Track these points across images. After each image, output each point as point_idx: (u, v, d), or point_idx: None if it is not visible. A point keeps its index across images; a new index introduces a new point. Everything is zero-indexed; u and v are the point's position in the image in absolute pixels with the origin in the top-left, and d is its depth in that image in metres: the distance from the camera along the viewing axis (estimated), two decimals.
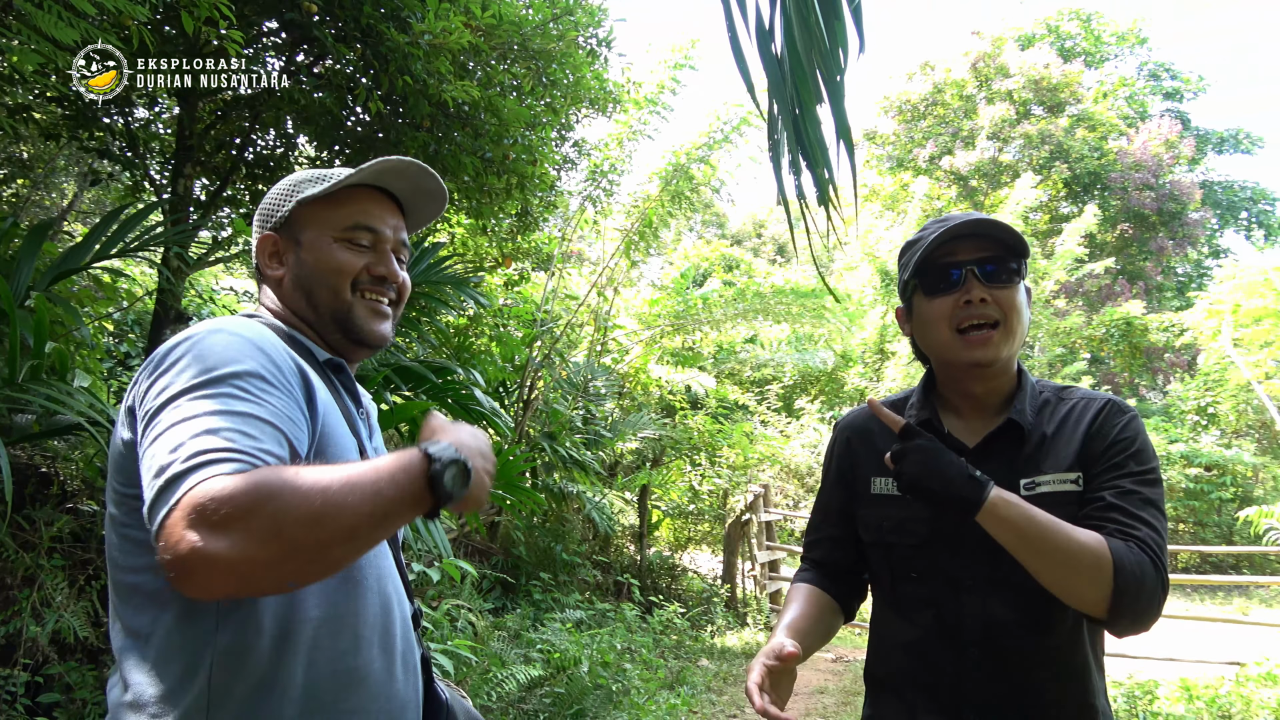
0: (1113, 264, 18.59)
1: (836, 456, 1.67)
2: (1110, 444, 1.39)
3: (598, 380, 8.83)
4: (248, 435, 0.95)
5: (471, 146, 4.73)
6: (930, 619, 1.46)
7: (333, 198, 1.32)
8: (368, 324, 1.31)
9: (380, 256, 1.32)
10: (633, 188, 8.92)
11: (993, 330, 1.42)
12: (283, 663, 1.06)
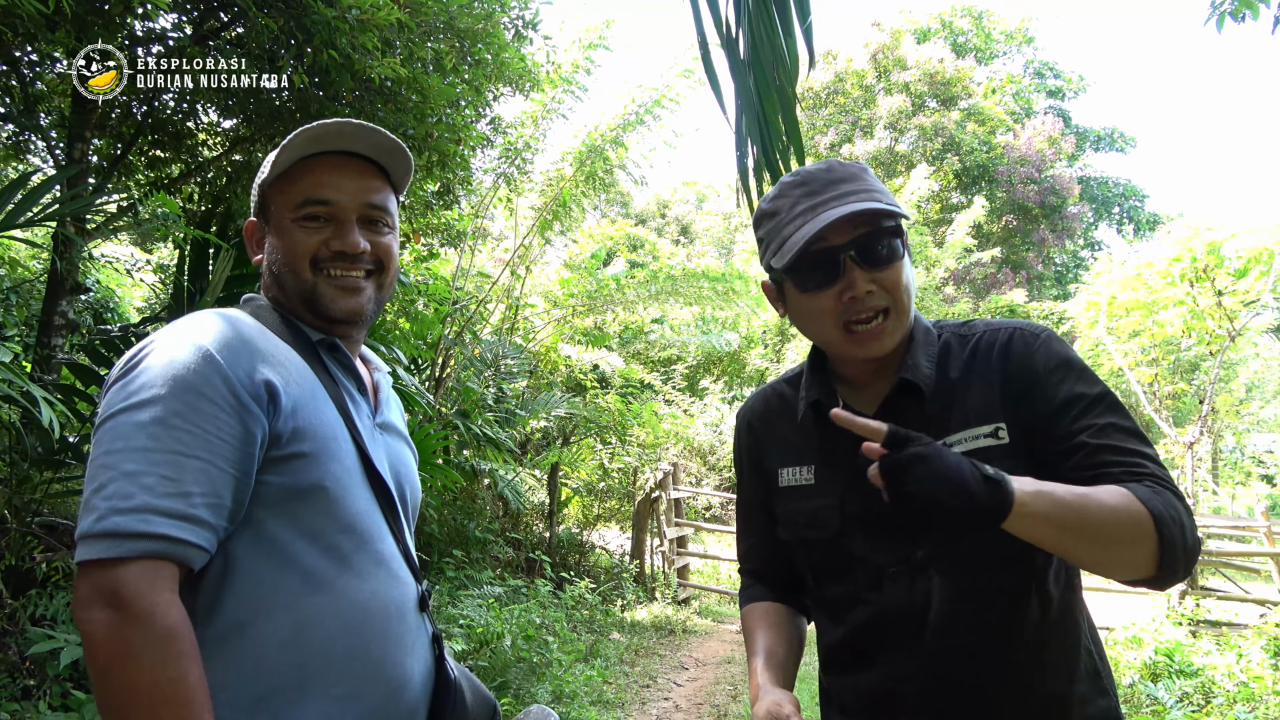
0: (998, 254, 19.55)
1: (745, 448, 1.51)
2: (1043, 377, 1.21)
3: (509, 358, 8.84)
4: (167, 481, 0.99)
5: (394, 123, 4.69)
6: (861, 619, 1.30)
7: (288, 176, 1.27)
8: (335, 303, 1.26)
9: (339, 230, 1.26)
10: (546, 166, 8.92)
11: (884, 320, 1.24)
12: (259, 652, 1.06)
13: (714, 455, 16.34)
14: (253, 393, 1.07)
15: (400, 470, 1.32)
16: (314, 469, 1.11)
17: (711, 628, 8.25)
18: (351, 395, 1.27)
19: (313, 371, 1.20)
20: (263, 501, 1.09)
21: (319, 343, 1.27)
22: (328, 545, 1.12)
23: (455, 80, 5.07)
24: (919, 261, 17.36)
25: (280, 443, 1.09)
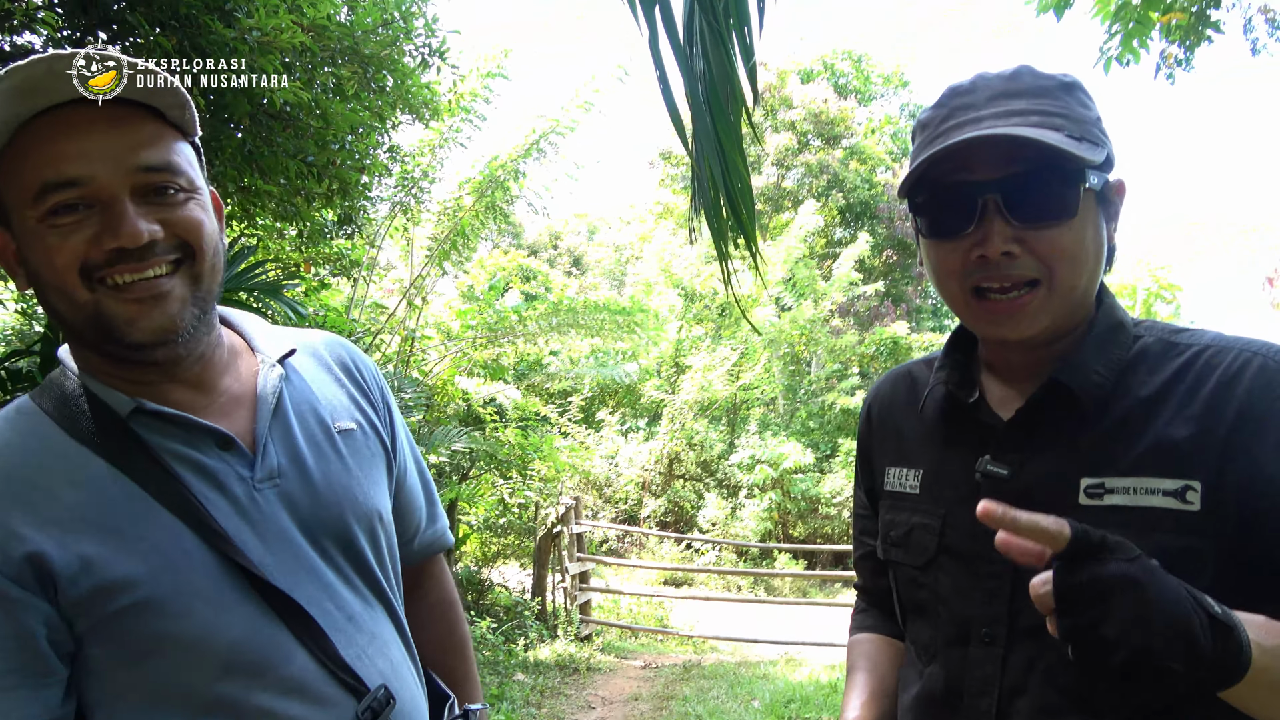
0: (881, 287, 20.33)
1: (861, 439, 1.24)
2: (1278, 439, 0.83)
3: (404, 392, 8.58)
4: None
5: (293, 149, 4.51)
6: (935, 676, 1.02)
7: (8, 158, 0.89)
8: (133, 324, 0.90)
9: (105, 218, 0.88)
10: (443, 195, 8.77)
11: (1030, 292, 0.92)
12: None
13: (609, 487, 16.30)
14: (12, 575, 0.83)
15: (326, 513, 1.00)
16: (151, 618, 0.86)
17: (615, 664, 8.14)
18: (201, 467, 0.94)
19: (125, 471, 0.90)
20: (104, 677, 0.88)
21: (130, 417, 0.93)
22: (206, 704, 0.88)
23: (357, 107, 4.93)
24: (808, 294, 17.88)
25: (84, 610, 0.85)
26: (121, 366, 0.95)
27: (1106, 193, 0.94)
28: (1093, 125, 0.92)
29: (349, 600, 0.99)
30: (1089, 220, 0.91)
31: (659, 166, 25.96)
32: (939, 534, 1.01)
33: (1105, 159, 0.92)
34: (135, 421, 0.93)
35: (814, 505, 15.94)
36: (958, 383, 1.04)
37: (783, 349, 17.93)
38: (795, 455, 15.74)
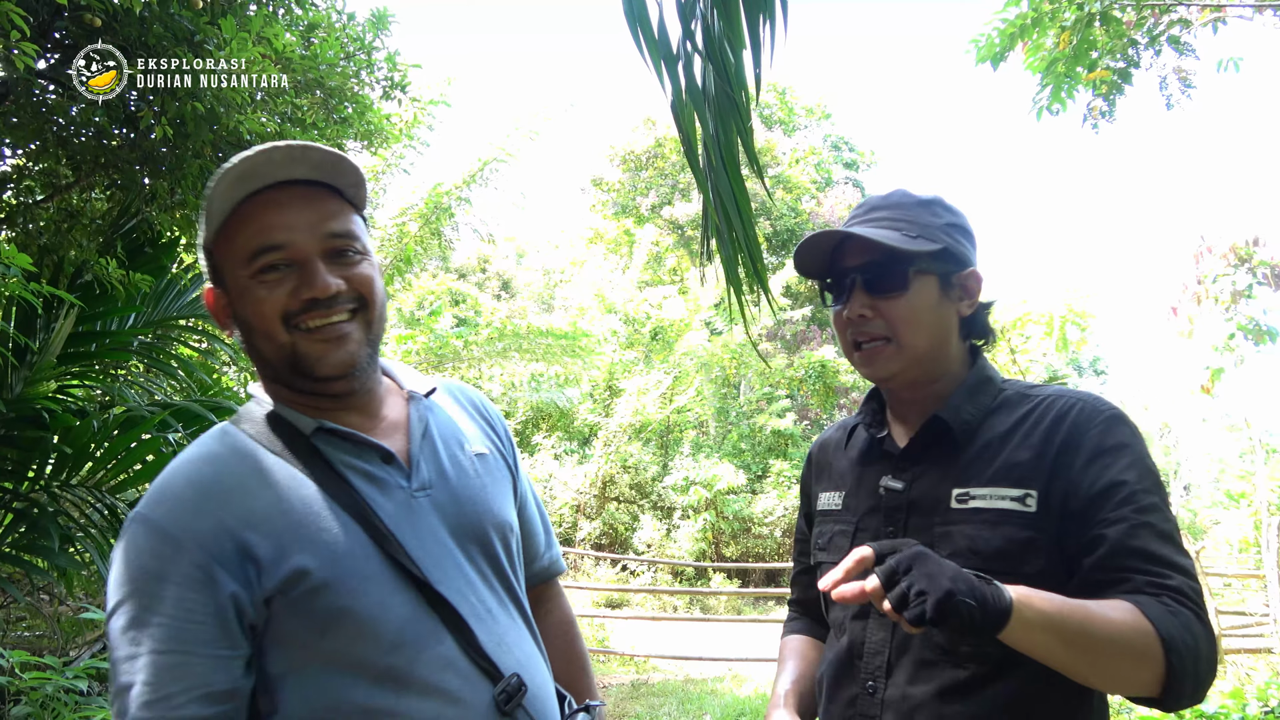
0: (807, 312, 20.90)
1: (804, 475, 1.55)
2: (1093, 457, 1.13)
3: None
4: (148, 688, 0.97)
5: None
6: (842, 647, 1.30)
7: (228, 228, 1.10)
8: (322, 360, 1.09)
9: (303, 275, 1.08)
10: (385, 221, 8.81)
11: (883, 346, 1.25)
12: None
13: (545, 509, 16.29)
14: (222, 560, 1.00)
15: (467, 521, 1.17)
16: (330, 599, 1.02)
17: None
18: (371, 476, 1.12)
19: (311, 478, 1.08)
20: (293, 647, 1.04)
21: (314, 435, 1.12)
22: (378, 673, 1.04)
23: (314, 136, 4.98)
24: (738, 319, 18.31)
25: (281, 590, 1.02)
26: (307, 396, 1.14)
27: (950, 278, 1.26)
28: (937, 229, 1.26)
29: (487, 597, 1.15)
30: (923, 296, 1.24)
31: (590, 192, 26.21)
32: (851, 536, 1.31)
33: (943, 253, 1.25)
34: (317, 438, 1.12)
35: (747, 525, 16.25)
36: (869, 423, 1.37)
37: (714, 372, 18.28)
38: (728, 476, 16.04)
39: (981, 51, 4.55)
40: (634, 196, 25.33)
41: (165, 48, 3.81)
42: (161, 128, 3.84)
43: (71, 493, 3.86)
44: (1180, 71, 4.73)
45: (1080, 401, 1.20)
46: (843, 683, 1.27)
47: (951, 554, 1.15)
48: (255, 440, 1.10)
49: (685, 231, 24.60)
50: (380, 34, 4.95)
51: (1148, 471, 1.13)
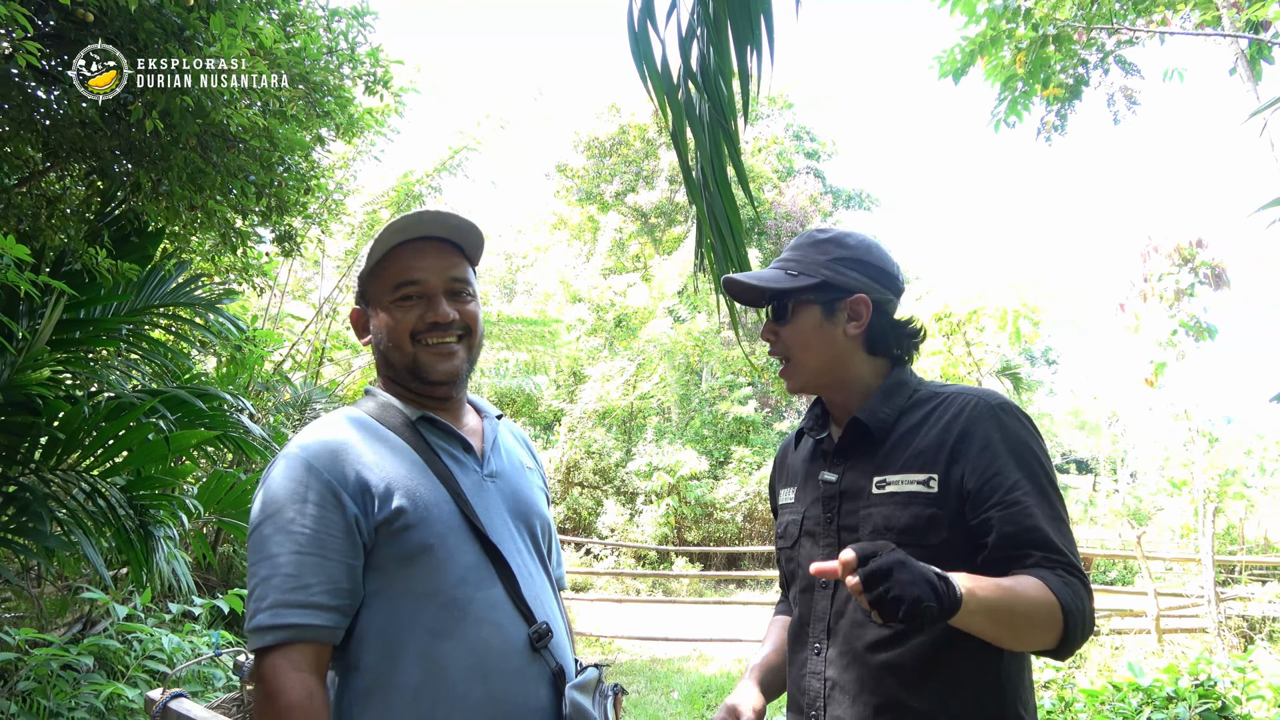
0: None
1: (770, 479, 1.80)
2: (984, 447, 1.33)
3: (317, 402, 8.63)
4: (290, 579, 1.24)
5: (235, 167, 4.64)
6: (796, 619, 1.53)
7: (381, 264, 1.49)
8: (435, 368, 1.46)
9: (429, 304, 1.46)
10: (356, 209, 8.86)
11: (788, 365, 1.54)
12: (398, 700, 1.29)
13: None
14: (350, 490, 1.31)
15: (521, 507, 1.49)
16: (417, 536, 1.32)
17: None
18: (455, 457, 1.46)
19: (412, 449, 1.41)
20: (383, 571, 1.32)
21: (418, 421, 1.46)
22: (444, 600, 1.31)
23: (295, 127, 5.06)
24: (701, 307, 18.53)
25: (385, 521, 1.31)
26: (415, 395, 1.51)
27: (833, 305, 1.50)
28: (820, 265, 1.50)
29: (529, 563, 1.46)
30: (805, 322, 1.50)
31: (554, 178, 26.21)
32: (800, 524, 1.54)
33: (822, 285, 1.48)
34: (420, 424, 1.47)
35: (709, 510, 16.53)
36: (812, 427, 1.62)
37: (677, 360, 18.50)
38: (691, 462, 16.30)
39: (944, 67, 4.85)
40: (598, 183, 25.40)
41: (156, 44, 3.89)
42: (152, 120, 3.92)
43: (62, 477, 3.94)
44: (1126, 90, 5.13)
45: (977, 397, 1.41)
46: (796, 647, 1.52)
47: (871, 531, 1.39)
48: (374, 419, 1.44)
49: (649, 219, 24.75)
50: (364, 29, 5.05)
51: (1034, 460, 1.33)
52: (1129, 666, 5.19)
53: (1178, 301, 8.07)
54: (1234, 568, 10.54)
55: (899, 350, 1.56)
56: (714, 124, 1.92)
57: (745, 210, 24.27)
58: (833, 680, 1.41)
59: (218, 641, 2.36)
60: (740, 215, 1.96)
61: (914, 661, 1.34)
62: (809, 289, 1.49)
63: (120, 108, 4.10)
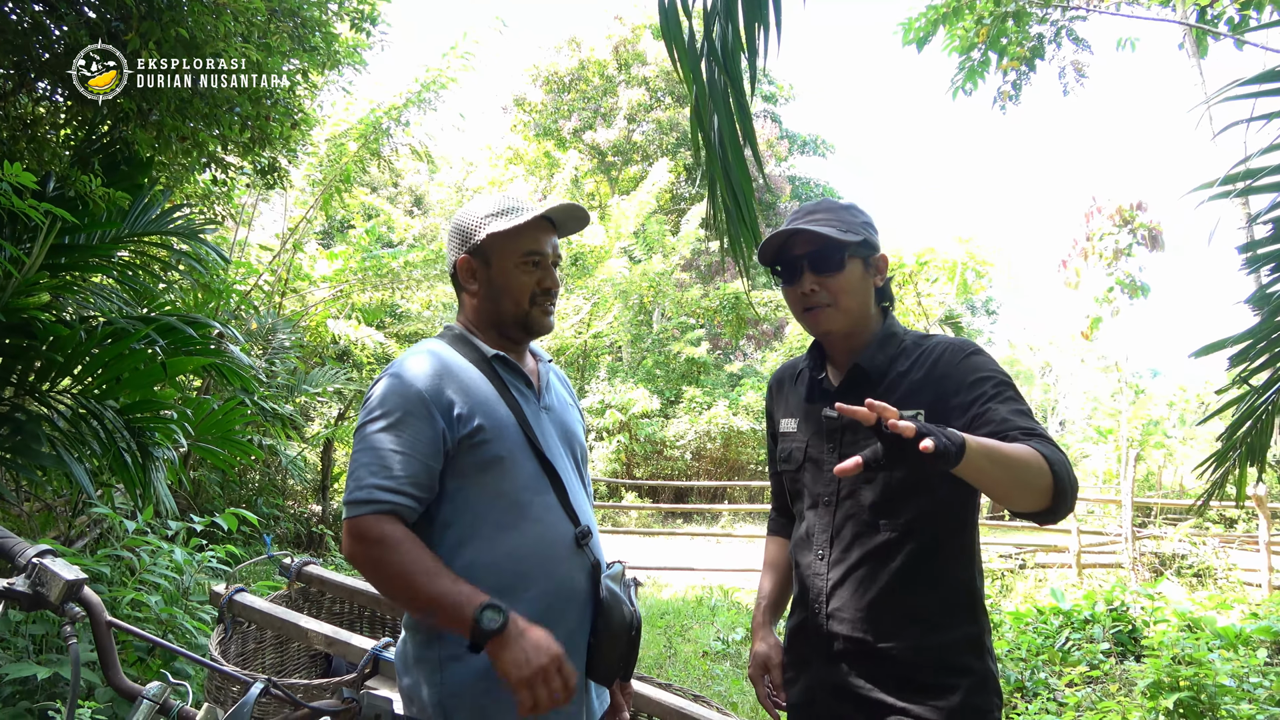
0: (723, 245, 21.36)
1: (767, 404, 1.99)
2: (960, 380, 1.59)
3: (281, 333, 8.71)
4: (384, 470, 1.52)
5: (221, 99, 4.69)
6: (803, 530, 1.77)
7: (516, 231, 1.72)
8: (542, 322, 1.76)
9: (546, 273, 1.75)
10: (322, 139, 8.83)
11: (825, 309, 1.70)
12: (475, 564, 1.58)
13: None
14: (441, 409, 1.58)
15: (568, 434, 1.79)
16: (491, 449, 1.60)
17: None
18: (520, 391, 1.72)
19: (489, 380, 1.67)
20: (463, 474, 1.60)
21: (493, 359, 1.71)
22: (510, 501, 1.61)
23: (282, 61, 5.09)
24: (658, 248, 18.72)
25: (467, 436, 1.59)
26: (500, 339, 1.77)
27: (869, 260, 1.73)
28: (858, 225, 1.71)
29: (574, 478, 1.76)
30: (853, 273, 1.71)
31: (512, 112, 25.89)
32: (804, 452, 1.79)
33: (863, 243, 1.70)
34: (494, 362, 1.72)
35: (659, 448, 16.97)
36: (813, 367, 1.83)
37: (632, 300, 18.73)
38: (642, 401, 16.66)
39: (908, 34, 5.13)
40: (556, 119, 25.17)
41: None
42: (148, 53, 3.97)
43: (57, 399, 4.07)
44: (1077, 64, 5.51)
45: (953, 343, 1.69)
46: (802, 552, 1.78)
47: None
48: (455, 350, 1.70)
49: (606, 157, 24.67)
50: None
51: (1003, 378, 1.60)
52: (1051, 592, 5.70)
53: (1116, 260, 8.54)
54: (1150, 510, 11.31)
55: (887, 302, 1.82)
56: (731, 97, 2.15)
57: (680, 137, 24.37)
58: (835, 580, 1.69)
59: (270, 542, 2.58)
60: (752, 182, 2.20)
61: (901, 564, 1.63)
62: (858, 244, 1.70)
63: (114, 39, 4.13)
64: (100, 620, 1.24)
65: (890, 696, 1.62)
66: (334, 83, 8.55)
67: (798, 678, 1.80)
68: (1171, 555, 8.38)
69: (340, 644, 1.98)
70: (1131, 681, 4.27)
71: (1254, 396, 2.68)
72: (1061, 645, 5.07)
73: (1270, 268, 2.26)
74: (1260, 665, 4.25)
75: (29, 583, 1.17)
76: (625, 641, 1.65)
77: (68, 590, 1.19)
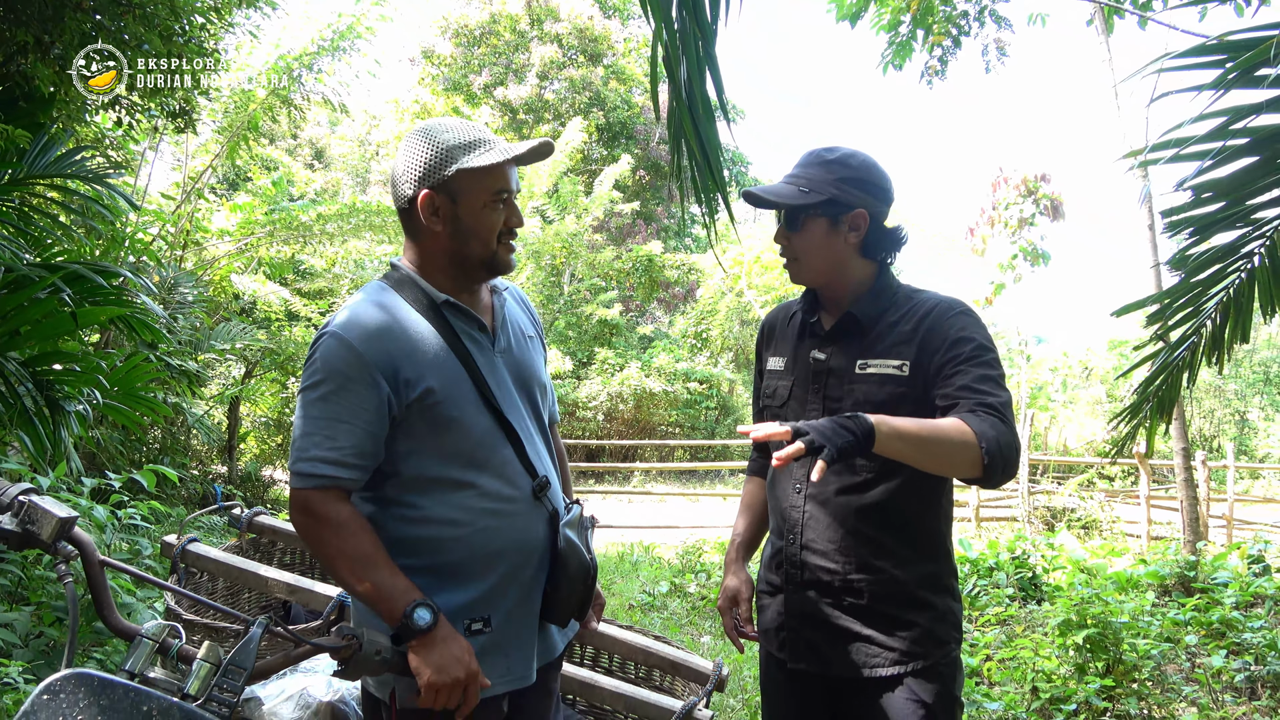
0: (636, 206, 21.38)
1: (759, 341, 2.04)
2: (945, 336, 1.67)
3: (184, 287, 8.34)
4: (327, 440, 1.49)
5: (133, 35, 4.43)
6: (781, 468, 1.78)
7: (488, 170, 1.60)
8: (507, 262, 1.67)
9: (512, 211, 1.66)
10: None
11: (795, 264, 1.81)
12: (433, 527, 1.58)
13: None
14: (385, 374, 1.52)
15: (524, 377, 1.73)
16: (443, 410, 1.56)
17: None
18: (473, 338, 1.65)
19: (436, 333, 1.60)
20: (416, 436, 1.57)
21: (443, 305, 1.63)
22: (466, 460, 1.58)
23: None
24: (571, 209, 18.60)
25: (417, 399, 1.54)
26: (451, 281, 1.66)
27: (837, 218, 1.76)
28: (828, 184, 1.74)
29: (531, 427, 1.72)
30: (814, 232, 1.77)
31: (420, 64, 25.13)
32: (790, 390, 1.85)
33: (827, 202, 1.73)
34: (444, 308, 1.63)
35: (572, 409, 17.00)
36: (806, 311, 1.88)
37: (544, 261, 18.59)
38: (555, 362, 16.63)
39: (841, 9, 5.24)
40: (466, 74, 24.56)
41: None
42: None
43: None
44: (999, 41, 5.74)
45: (943, 301, 1.76)
46: (780, 486, 1.86)
47: (853, 404, 1.70)
48: (400, 297, 1.62)
49: (518, 114, 24.24)
50: None
51: (978, 342, 1.68)
52: (959, 543, 6.00)
53: (1020, 229, 8.94)
54: (1038, 468, 11.99)
55: (886, 254, 1.84)
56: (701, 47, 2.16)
57: (594, 96, 24.19)
58: (809, 513, 1.78)
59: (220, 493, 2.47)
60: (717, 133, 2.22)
61: (873, 503, 1.72)
62: (818, 205, 1.74)
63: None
64: (93, 559, 1.20)
65: (857, 624, 1.73)
66: (241, 24, 8.18)
67: (771, 603, 1.88)
68: (1062, 509, 8.93)
69: (303, 591, 1.96)
70: (1037, 622, 4.56)
71: (1167, 352, 2.89)
72: (970, 591, 5.37)
73: (1189, 231, 2.42)
74: (1149, 606, 4.61)
75: (17, 521, 1.12)
76: (582, 587, 1.68)
77: (60, 528, 1.14)
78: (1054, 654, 3.79)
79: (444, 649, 1.43)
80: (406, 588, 1.45)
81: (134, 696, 1.08)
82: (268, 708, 1.70)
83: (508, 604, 1.61)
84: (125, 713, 1.05)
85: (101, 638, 3.19)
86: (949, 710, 1.72)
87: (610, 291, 18.84)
